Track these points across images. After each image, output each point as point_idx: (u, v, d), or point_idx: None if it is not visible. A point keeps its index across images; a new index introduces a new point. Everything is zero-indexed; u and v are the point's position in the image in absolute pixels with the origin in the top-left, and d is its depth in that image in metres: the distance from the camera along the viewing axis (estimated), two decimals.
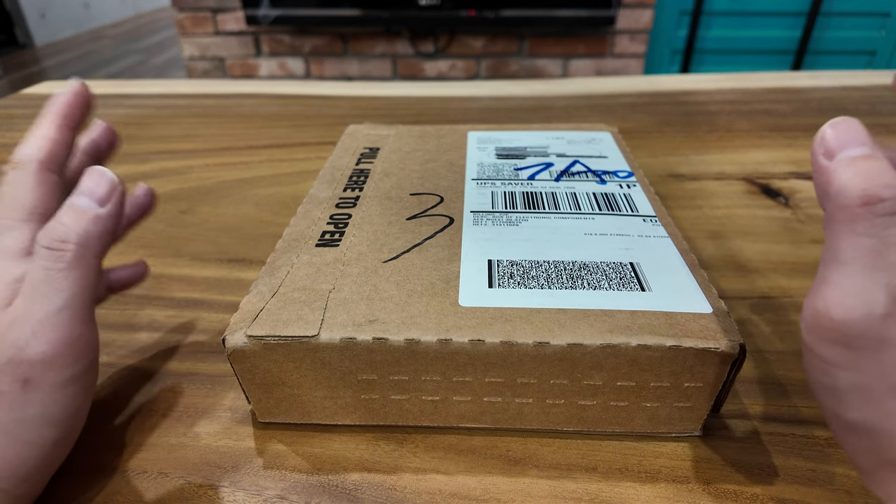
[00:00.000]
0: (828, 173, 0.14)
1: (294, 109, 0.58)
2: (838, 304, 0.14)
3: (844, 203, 0.14)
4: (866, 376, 0.14)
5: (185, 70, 1.96)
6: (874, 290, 0.13)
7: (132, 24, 3.98)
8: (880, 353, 0.13)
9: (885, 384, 0.14)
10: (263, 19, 1.74)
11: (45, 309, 0.17)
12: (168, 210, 0.39)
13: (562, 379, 0.20)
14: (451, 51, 1.82)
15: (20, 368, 0.16)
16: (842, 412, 0.15)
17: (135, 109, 0.59)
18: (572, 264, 0.23)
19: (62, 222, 0.17)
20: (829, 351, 0.14)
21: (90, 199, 0.18)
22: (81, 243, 0.17)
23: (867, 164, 0.14)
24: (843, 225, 0.14)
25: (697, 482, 0.20)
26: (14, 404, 0.16)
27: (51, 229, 0.17)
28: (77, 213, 0.18)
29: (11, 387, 0.16)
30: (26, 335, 0.17)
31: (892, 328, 0.13)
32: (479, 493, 0.20)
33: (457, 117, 0.54)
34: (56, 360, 0.17)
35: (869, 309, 0.13)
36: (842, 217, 0.14)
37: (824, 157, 0.15)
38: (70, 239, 0.17)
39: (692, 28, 1.72)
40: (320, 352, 0.20)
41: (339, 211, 0.27)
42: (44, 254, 0.17)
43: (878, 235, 0.13)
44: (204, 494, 0.20)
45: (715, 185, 0.40)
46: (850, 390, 0.14)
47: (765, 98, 0.58)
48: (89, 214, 0.18)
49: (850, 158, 0.14)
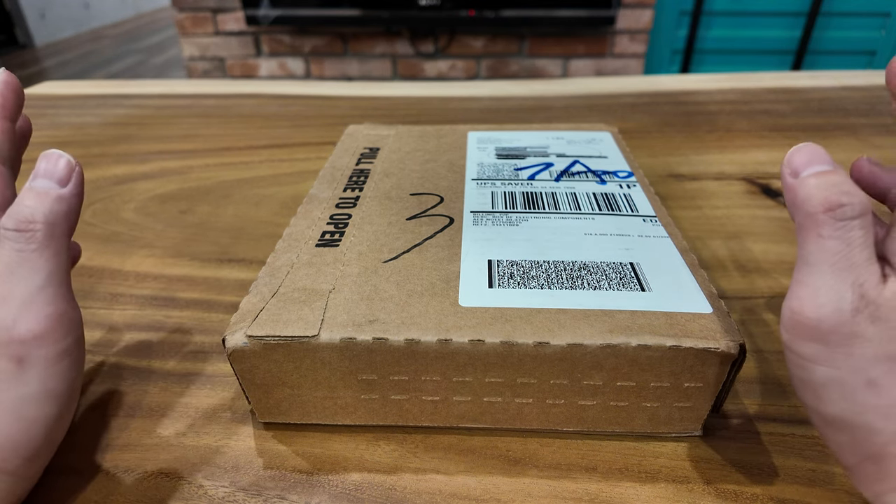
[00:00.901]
0: (794, 188, 0.16)
1: (294, 109, 0.58)
2: (810, 303, 0.15)
3: (810, 211, 0.15)
4: (841, 371, 0.15)
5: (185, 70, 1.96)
6: (842, 288, 0.15)
7: (132, 24, 3.98)
8: (852, 348, 0.14)
9: (858, 378, 0.14)
10: (263, 19, 1.74)
11: (26, 288, 0.17)
12: (168, 210, 0.39)
13: (562, 379, 0.20)
14: (451, 51, 1.82)
15: (12, 348, 0.17)
16: (821, 407, 0.15)
17: (135, 109, 0.59)
18: (572, 264, 0.23)
19: (26, 204, 0.18)
20: (804, 347, 0.15)
21: (50, 180, 0.18)
22: (49, 222, 0.18)
23: (828, 177, 0.15)
24: (810, 230, 0.15)
25: (697, 482, 0.20)
26: (12, 383, 0.17)
27: (15, 212, 0.17)
28: (40, 195, 0.18)
29: (7, 366, 0.17)
30: (12, 315, 0.17)
31: (861, 323, 0.14)
32: (479, 493, 0.20)
33: (457, 117, 0.54)
34: (46, 335, 0.17)
35: (838, 306, 0.15)
36: (808, 224, 0.15)
37: (791, 175, 0.16)
38: (37, 219, 0.17)
39: (692, 28, 1.72)
40: (320, 352, 0.20)
41: (339, 211, 0.27)
42: (12, 236, 0.17)
43: (842, 238, 0.15)
44: (204, 494, 0.20)
45: (715, 185, 0.40)
46: (826, 385, 0.15)
47: (765, 98, 0.58)
48: (52, 194, 0.18)
49: (812, 174, 0.16)
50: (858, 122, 0.51)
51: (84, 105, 0.61)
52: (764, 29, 1.72)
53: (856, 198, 0.15)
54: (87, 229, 0.37)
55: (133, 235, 0.36)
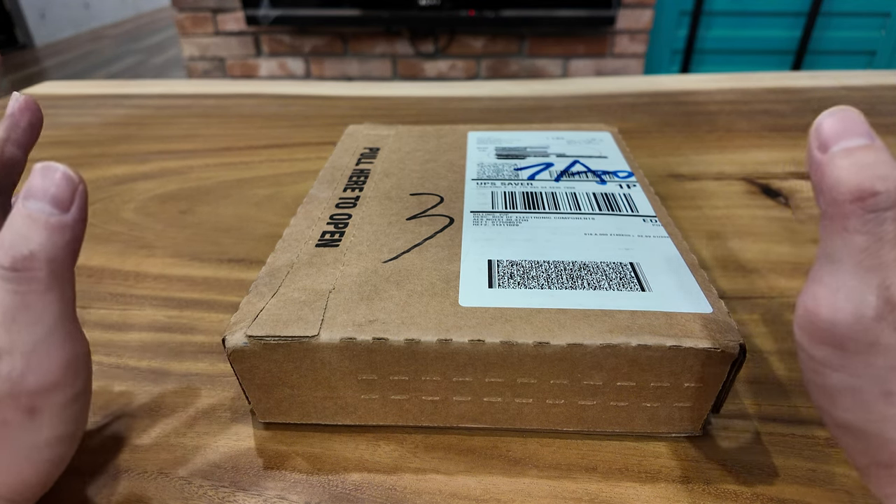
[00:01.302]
0: (822, 167, 0.13)
1: (294, 109, 0.58)
2: (827, 305, 0.13)
3: (837, 198, 0.13)
4: (857, 379, 0.13)
5: (185, 70, 1.96)
6: (864, 291, 0.13)
7: (132, 24, 3.98)
8: (871, 357, 0.13)
9: (876, 389, 0.13)
10: (263, 19, 1.74)
11: (31, 338, 0.15)
12: (168, 210, 0.39)
13: (562, 379, 0.20)
14: (451, 51, 1.82)
15: (22, 400, 0.15)
16: (834, 412, 0.14)
17: (135, 109, 0.59)
18: (572, 264, 0.23)
19: (22, 234, 0.14)
20: (819, 351, 0.14)
21: (50, 204, 0.15)
22: (51, 258, 0.15)
23: (864, 154, 0.13)
24: (836, 222, 0.13)
25: (697, 482, 0.20)
26: (24, 432, 0.16)
27: (9, 245, 0.14)
28: (37, 223, 0.15)
29: (17, 416, 0.15)
30: (19, 368, 0.15)
31: (884, 332, 0.13)
32: (479, 493, 0.20)
33: (457, 117, 0.54)
34: (56, 384, 0.16)
35: (858, 311, 0.13)
36: (834, 213, 0.13)
37: (819, 150, 0.14)
38: (37, 257, 0.15)
39: (692, 28, 1.72)
40: (320, 352, 0.20)
41: (339, 211, 0.27)
42: (9, 276, 0.14)
43: (872, 232, 0.13)
44: (204, 494, 0.20)
45: (715, 185, 0.40)
46: (841, 391, 0.14)
47: (765, 98, 0.58)
48: (52, 223, 0.15)
49: (845, 150, 0.13)
50: None
51: (84, 105, 0.61)
52: (764, 29, 1.72)
53: (893, 183, 0.12)
54: (87, 229, 0.37)
55: (133, 235, 0.36)
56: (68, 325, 0.16)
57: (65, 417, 0.16)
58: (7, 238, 0.14)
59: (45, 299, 0.15)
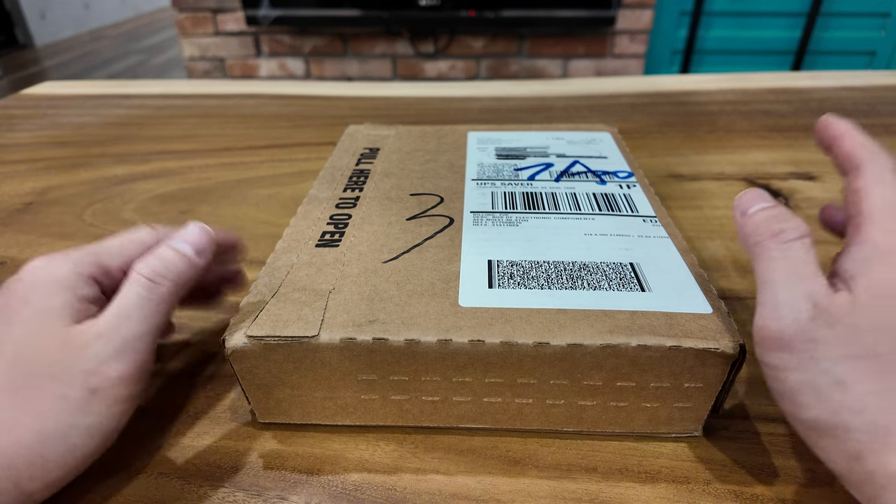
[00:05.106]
0: (745, 224, 0.19)
1: (294, 110, 0.58)
2: (773, 318, 0.17)
3: (758, 239, 0.18)
4: (810, 374, 0.16)
5: (185, 70, 1.96)
6: (796, 299, 0.16)
7: (132, 24, 3.98)
8: (815, 352, 0.16)
9: (827, 379, 0.16)
10: (263, 20, 1.74)
11: (131, 331, 0.18)
12: (168, 210, 0.39)
13: (562, 379, 0.20)
14: (451, 51, 1.82)
15: (94, 379, 0.18)
16: (800, 414, 0.16)
17: (135, 109, 0.59)
18: (572, 264, 0.23)
19: (163, 258, 0.20)
20: (774, 358, 0.17)
21: (193, 248, 0.20)
22: (176, 281, 0.20)
23: (771, 209, 0.19)
24: (762, 255, 0.18)
25: (697, 482, 0.20)
26: (76, 410, 0.17)
27: (152, 263, 0.19)
28: (178, 254, 0.20)
29: (80, 393, 0.17)
30: (108, 351, 0.18)
31: (820, 329, 0.16)
32: (479, 494, 0.20)
33: (457, 117, 0.54)
34: (128, 379, 0.18)
35: (796, 315, 0.16)
36: (759, 250, 0.18)
37: (741, 215, 0.19)
38: (168, 276, 0.19)
39: (692, 28, 1.72)
40: (320, 352, 0.20)
41: (339, 211, 0.27)
42: (142, 282, 0.19)
43: (788, 256, 0.17)
44: (204, 494, 0.20)
45: (715, 185, 0.40)
46: (800, 390, 0.16)
47: (765, 98, 0.58)
48: (187, 259, 0.20)
49: (760, 209, 0.19)
50: (858, 122, 0.51)
51: (84, 105, 0.61)
52: (764, 29, 1.72)
53: (793, 223, 0.18)
54: (87, 229, 0.37)
55: None
56: (155, 339, 0.19)
57: (113, 412, 0.18)
58: (152, 260, 0.20)
59: (157, 307, 0.19)
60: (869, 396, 0.15)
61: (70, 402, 0.17)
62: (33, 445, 0.17)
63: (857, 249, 0.17)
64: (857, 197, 0.18)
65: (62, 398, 0.17)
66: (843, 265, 0.17)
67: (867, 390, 0.15)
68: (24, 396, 0.17)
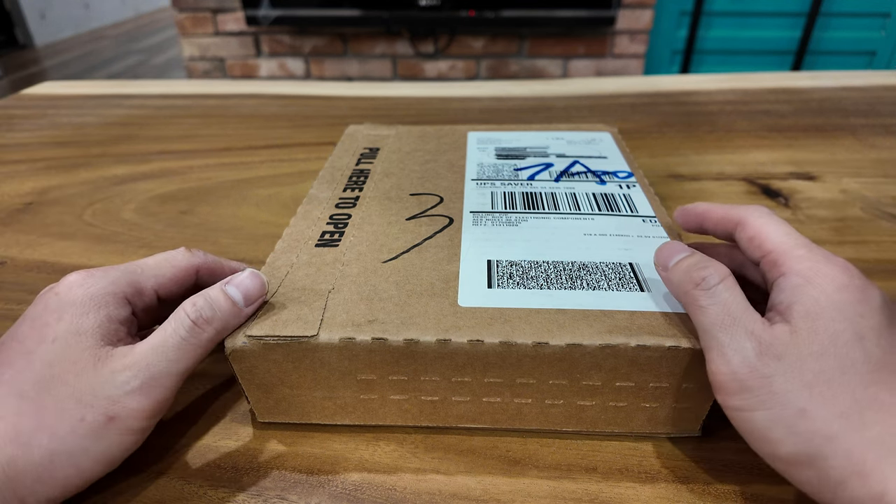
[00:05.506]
0: (668, 278, 0.20)
1: (294, 110, 0.58)
2: (722, 363, 0.17)
3: (685, 290, 0.19)
4: (774, 408, 0.16)
5: (185, 70, 1.96)
6: (738, 340, 0.17)
7: (132, 24, 3.98)
8: (773, 385, 0.16)
9: (790, 411, 0.16)
10: (263, 20, 1.74)
11: (163, 369, 0.19)
12: (168, 210, 0.39)
13: (561, 379, 0.20)
14: (451, 51, 1.82)
15: (114, 407, 0.18)
16: (777, 451, 0.16)
17: (135, 109, 0.59)
18: (571, 265, 0.23)
19: (213, 302, 0.20)
20: (736, 401, 0.17)
21: (243, 295, 0.20)
22: (219, 329, 0.20)
23: (689, 259, 0.19)
24: (692, 305, 0.18)
25: (697, 482, 0.20)
26: (91, 434, 0.18)
27: (200, 306, 0.19)
28: (228, 303, 0.20)
29: (98, 418, 0.18)
30: (135, 384, 0.18)
31: (769, 364, 0.16)
32: (479, 494, 0.20)
33: (457, 117, 0.54)
34: (147, 412, 0.18)
35: (742, 354, 0.17)
36: (688, 301, 0.18)
37: (662, 270, 0.20)
38: (213, 323, 0.19)
39: (692, 28, 1.72)
40: (319, 352, 0.20)
41: (339, 211, 0.27)
42: (187, 324, 0.19)
43: (717, 301, 0.18)
44: (204, 494, 0.20)
45: (715, 185, 0.40)
46: (769, 427, 0.16)
47: (765, 98, 0.58)
48: (236, 309, 0.20)
49: (676, 262, 0.20)
50: (858, 122, 0.51)
51: (84, 105, 0.61)
52: (764, 29, 1.72)
53: (713, 268, 0.18)
54: (87, 229, 0.37)
55: (133, 236, 0.36)
56: (183, 379, 0.19)
57: (124, 441, 0.18)
58: (201, 302, 0.20)
59: (194, 351, 0.19)
60: (835, 421, 0.15)
61: (87, 426, 0.17)
62: (44, 463, 0.17)
63: (784, 280, 0.18)
64: (757, 242, 0.19)
65: (80, 420, 0.17)
66: (776, 298, 0.18)
67: (831, 415, 0.15)
68: (44, 413, 0.17)
